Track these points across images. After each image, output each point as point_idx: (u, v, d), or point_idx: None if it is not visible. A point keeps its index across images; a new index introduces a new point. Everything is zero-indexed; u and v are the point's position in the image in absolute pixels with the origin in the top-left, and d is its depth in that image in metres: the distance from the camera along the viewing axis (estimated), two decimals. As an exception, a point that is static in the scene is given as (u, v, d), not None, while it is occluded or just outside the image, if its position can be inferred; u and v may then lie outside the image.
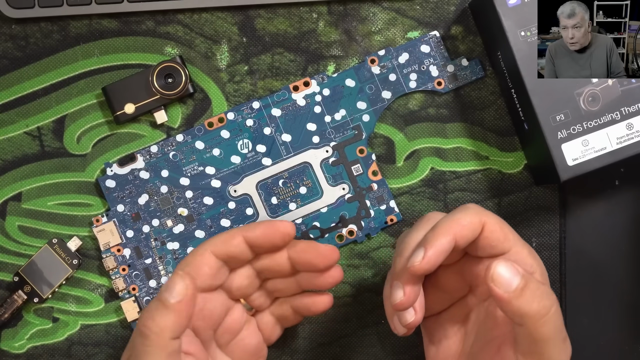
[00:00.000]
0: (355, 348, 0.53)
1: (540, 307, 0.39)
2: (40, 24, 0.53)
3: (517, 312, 0.39)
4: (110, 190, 0.53)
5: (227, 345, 0.47)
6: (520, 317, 0.39)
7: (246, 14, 0.53)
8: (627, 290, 0.54)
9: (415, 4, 0.53)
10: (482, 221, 0.42)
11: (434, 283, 0.46)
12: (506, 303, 0.39)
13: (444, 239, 0.41)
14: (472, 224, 0.42)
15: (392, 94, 0.53)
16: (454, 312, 0.47)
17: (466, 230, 0.41)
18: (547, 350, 0.40)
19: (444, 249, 0.41)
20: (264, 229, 0.44)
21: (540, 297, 0.39)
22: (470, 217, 0.42)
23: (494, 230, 0.42)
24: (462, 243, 0.42)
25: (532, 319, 0.39)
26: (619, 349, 0.54)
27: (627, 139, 0.47)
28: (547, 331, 0.39)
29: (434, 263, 0.41)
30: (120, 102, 0.52)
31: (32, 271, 0.52)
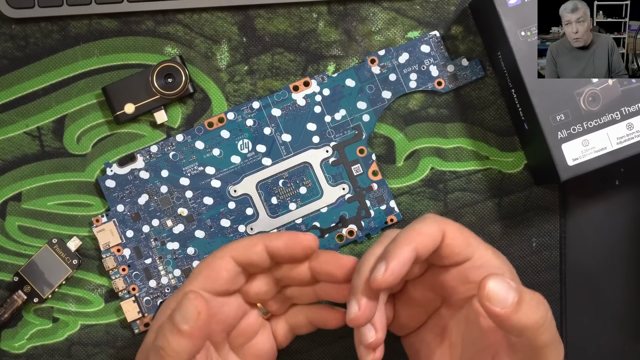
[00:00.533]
0: (355, 348, 0.53)
1: (538, 317, 0.38)
2: (40, 24, 0.53)
3: (517, 326, 0.38)
4: (110, 190, 0.53)
5: (240, 348, 0.47)
6: (520, 330, 0.39)
7: (246, 14, 0.53)
8: (627, 291, 0.54)
9: (415, 4, 0.53)
10: (441, 229, 0.41)
11: (405, 299, 0.46)
12: (505, 319, 0.38)
13: (406, 249, 0.40)
14: (432, 233, 0.41)
15: (392, 94, 0.53)
16: (432, 325, 0.46)
17: (427, 240, 0.41)
18: (546, 355, 0.39)
19: (406, 259, 0.40)
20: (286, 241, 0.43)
21: (537, 307, 0.39)
22: (430, 227, 0.41)
23: (455, 237, 0.42)
24: (423, 253, 0.41)
25: (531, 330, 0.38)
26: (619, 349, 0.54)
27: (627, 139, 0.47)
28: (546, 338, 0.39)
29: (397, 275, 0.40)
30: (120, 102, 0.52)
31: (32, 271, 0.52)
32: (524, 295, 0.38)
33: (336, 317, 0.47)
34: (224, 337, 0.45)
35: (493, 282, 0.38)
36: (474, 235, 0.43)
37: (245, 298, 0.46)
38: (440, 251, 0.42)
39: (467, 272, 0.43)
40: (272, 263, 0.45)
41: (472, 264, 0.42)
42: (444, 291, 0.44)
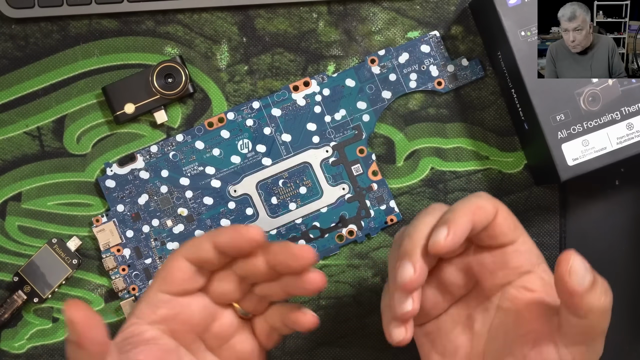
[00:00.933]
0: (355, 348, 0.53)
1: (606, 302, 0.39)
2: (40, 24, 0.53)
3: (587, 306, 0.39)
4: (110, 190, 0.53)
5: (218, 349, 0.46)
6: (588, 311, 0.39)
7: (246, 14, 0.53)
8: (627, 290, 0.54)
9: (415, 4, 0.53)
10: (495, 207, 0.42)
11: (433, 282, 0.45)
12: (579, 297, 0.39)
13: (465, 218, 0.40)
14: (488, 209, 0.41)
15: (392, 94, 0.53)
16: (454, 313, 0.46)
17: (483, 214, 0.41)
18: (599, 342, 0.40)
19: (465, 228, 0.40)
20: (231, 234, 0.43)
21: (607, 292, 0.39)
22: (487, 202, 0.41)
23: (506, 217, 0.42)
24: (478, 227, 0.41)
25: (597, 313, 0.39)
26: (619, 349, 0.54)
27: (627, 139, 0.47)
28: (606, 325, 0.40)
29: (458, 241, 0.40)
30: (120, 102, 0.52)
31: (32, 271, 0.52)
32: (598, 279, 0.39)
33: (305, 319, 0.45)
34: (194, 338, 0.45)
35: (577, 259, 0.39)
36: (519, 222, 0.43)
37: (214, 299, 0.45)
38: (490, 230, 0.42)
39: (509, 256, 0.42)
40: (224, 258, 0.44)
41: (516, 248, 0.42)
42: (480, 274, 0.43)
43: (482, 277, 0.44)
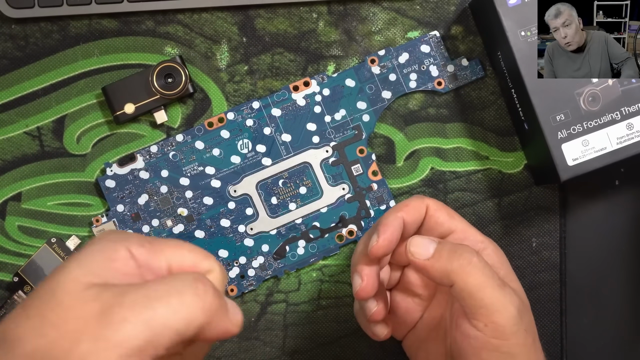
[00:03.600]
0: (355, 348, 0.53)
1: (460, 261, 0.41)
2: (40, 24, 0.53)
3: (442, 273, 0.41)
4: (110, 190, 0.53)
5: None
6: (447, 277, 0.41)
7: (246, 14, 0.53)
8: (627, 290, 0.54)
9: (415, 4, 0.53)
10: (425, 202, 0.45)
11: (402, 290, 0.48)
12: (430, 269, 0.41)
13: (392, 216, 0.44)
14: (416, 205, 0.45)
15: (392, 94, 0.53)
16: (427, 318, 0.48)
17: (412, 210, 0.45)
18: (487, 299, 0.40)
19: (395, 226, 0.43)
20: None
21: (460, 254, 0.41)
22: (414, 200, 0.45)
23: (438, 209, 0.45)
24: (410, 222, 0.45)
25: (456, 274, 0.41)
26: (619, 349, 0.54)
27: (627, 139, 0.47)
28: (476, 280, 0.40)
29: (389, 240, 0.43)
30: (120, 102, 0.52)
31: (32, 271, 0.52)
32: (446, 245, 0.42)
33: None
34: None
35: (414, 238, 0.42)
36: (457, 213, 0.46)
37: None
38: (426, 223, 0.45)
39: None
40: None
41: (455, 236, 0.45)
42: None
43: None
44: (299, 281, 0.53)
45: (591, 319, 0.53)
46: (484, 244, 0.45)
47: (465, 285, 0.41)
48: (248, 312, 0.53)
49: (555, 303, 0.53)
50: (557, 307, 0.53)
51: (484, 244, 0.45)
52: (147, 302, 0.31)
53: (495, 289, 0.41)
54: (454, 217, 0.46)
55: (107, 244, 0.33)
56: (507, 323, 0.40)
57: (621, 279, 0.53)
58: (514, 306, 0.41)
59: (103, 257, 0.33)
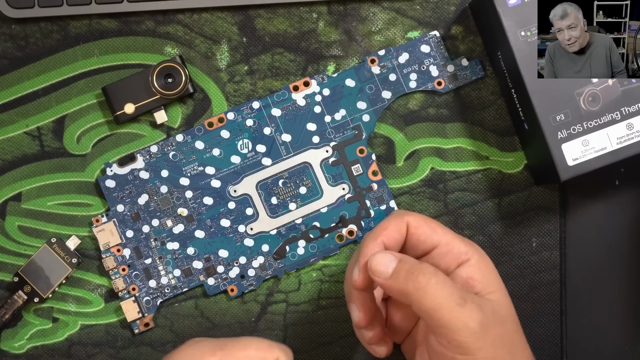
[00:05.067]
0: (355, 348, 0.53)
1: (415, 283, 0.41)
2: (40, 24, 0.53)
3: (400, 293, 0.42)
4: (110, 190, 0.53)
5: None
6: (404, 296, 0.41)
7: (246, 14, 0.53)
8: (627, 291, 0.54)
9: (415, 4, 0.53)
10: (404, 220, 0.45)
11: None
12: (388, 288, 0.42)
13: (372, 244, 0.44)
14: (395, 225, 0.45)
15: (392, 94, 0.53)
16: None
17: (391, 232, 0.45)
18: (444, 318, 0.41)
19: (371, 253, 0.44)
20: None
21: (417, 274, 0.41)
22: (392, 220, 0.45)
23: (418, 226, 0.45)
24: (392, 244, 0.45)
25: (412, 295, 0.41)
26: (619, 349, 0.54)
27: (627, 139, 0.47)
28: (431, 301, 0.41)
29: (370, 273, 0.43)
30: (120, 102, 0.52)
31: (32, 271, 0.52)
32: (405, 265, 0.42)
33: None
34: None
35: (375, 256, 0.43)
36: (440, 224, 0.46)
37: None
38: (408, 242, 0.45)
39: (436, 260, 0.45)
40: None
41: (440, 250, 0.45)
42: None
43: None
44: (299, 281, 0.53)
45: (591, 319, 0.53)
46: (467, 255, 0.45)
47: (421, 306, 0.41)
48: (248, 312, 0.53)
49: (555, 303, 0.53)
50: (557, 307, 0.53)
51: (467, 255, 0.45)
52: None
53: (452, 308, 0.40)
54: (436, 231, 0.45)
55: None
56: (469, 340, 0.40)
57: (621, 279, 0.53)
58: (475, 322, 0.41)
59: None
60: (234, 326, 0.53)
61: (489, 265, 0.45)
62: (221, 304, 0.53)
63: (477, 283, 0.44)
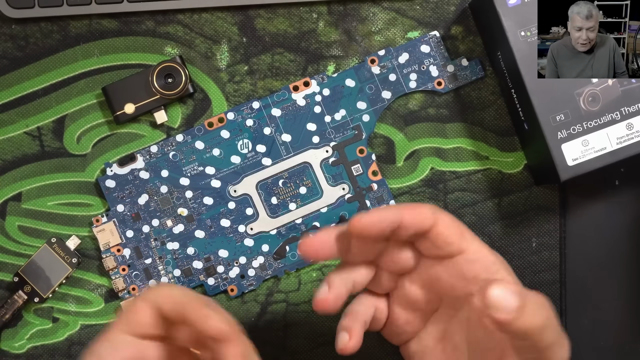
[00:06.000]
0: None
1: (541, 320, 0.38)
2: (40, 24, 0.53)
3: (521, 331, 0.38)
4: (110, 190, 0.53)
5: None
6: (524, 334, 0.38)
7: (246, 14, 0.53)
8: (627, 291, 0.54)
9: (415, 4, 0.53)
10: (435, 216, 0.41)
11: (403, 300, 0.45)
12: (509, 325, 0.38)
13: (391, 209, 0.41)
14: (423, 214, 0.41)
15: (392, 94, 0.53)
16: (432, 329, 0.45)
17: (416, 216, 0.41)
18: (552, 354, 0.39)
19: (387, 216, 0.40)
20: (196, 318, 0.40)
21: (539, 309, 0.38)
22: (424, 208, 0.41)
23: (448, 227, 0.42)
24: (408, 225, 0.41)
25: (535, 333, 0.38)
26: (619, 349, 0.54)
27: (627, 139, 0.47)
28: (550, 337, 0.39)
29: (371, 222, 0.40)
30: (120, 102, 0.52)
31: (32, 271, 0.52)
32: (528, 299, 0.38)
33: None
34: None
35: (497, 289, 0.38)
36: (469, 230, 0.43)
37: (176, 344, 0.43)
38: (433, 240, 0.42)
39: (462, 266, 0.42)
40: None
41: (466, 257, 0.42)
42: (440, 288, 0.43)
43: (443, 290, 0.44)
44: (299, 281, 0.53)
45: (591, 319, 0.53)
46: (495, 265, 0.42)
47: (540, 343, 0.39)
48: (248, 312, 0.53)
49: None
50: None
51: (496, 266, 0.42)
52: None
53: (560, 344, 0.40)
54: (464, 236, 0.42)
55: None
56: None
57: (621, 279, 0.53)
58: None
59: None
60: (234, 326, 0.53)
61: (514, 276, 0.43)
62: (221, 304, 0.53)
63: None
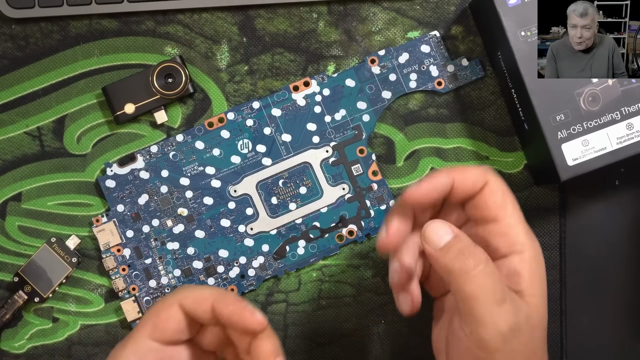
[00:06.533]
0: (355, 348, 0.53)
1: (462, 264, 0.40)
2: (40, 24, 0.53)
3: (443, 268, 0.40)
4: (110, 190, 0.53)
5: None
6: (447, 274, 0.40)
7: (246, 14, 0.53)
8: (627, 290, 0.54)
9: (415, 4, 0.53)
10: (485, 178, 0.42)
11: None
12: (434, 260, 0.41)
13: (443, 174, 0.42)
14: (474, 177, 0.42)
15: (392, 94, 0.53)
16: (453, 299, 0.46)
17: (467, 179, 0.42)
18: (476, 310, 0.39)
19: (439, 183, 0.42)
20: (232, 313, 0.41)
21: (467, 256, 0.40)
22: (475, 170, 0.42)
23: (494, 192, 0.42)
24: (460, 190, 0.42)
25: (455, 275, 0.40)
26: (619, 349, 0.54)
27: (627, 139, 0.47)
28: (472, 289, 0.39)
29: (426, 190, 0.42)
30: (120, 102, 0.52)
31: (32, 271, 0.52)
32: (459, 243, 0.40)
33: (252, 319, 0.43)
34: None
35: (433, 224, 0.41)
36: (515, 205, 0.43)
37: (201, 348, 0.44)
38: (476, 201, 0.42)
39: (489, 235, 0.42)
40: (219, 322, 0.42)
41: (497, 228, 0.42)
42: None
43: None
44: (299, 281, 0.53)
45: (591, 319, 0.53)
46: (523, 246, 0.42)
47: (460, 290, 0.40)
48: (248, 312, 0.53)
49: (555, 303, 0.53)
50: (557, 307, 0.53)
51: (523, 247, 0.42)
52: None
53: (490, 303, 0.39)
54: (505, 207, 0.42)
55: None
56: (491, 339, 0.39)
57: (621, 279, 0.53)
58: (506, 325, 0.39)
59: None
60: (234, 326, 0.53)
61: (541, 266, 0.43)
62: (221, 304, 0.53)
63: (523, 281, 0.42)
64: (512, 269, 0.42)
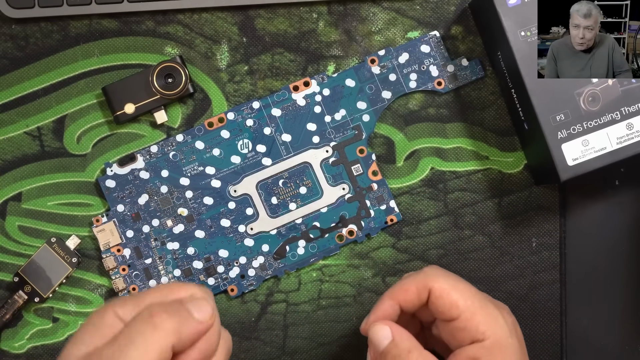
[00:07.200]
0: (355, 348, 0.53)
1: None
2: (40, 24, 0.53)
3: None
4: (110, 190, 0.53)
5: None
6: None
7: (246, 14, 0.53)
8: (627, 291, 0.54)
9: (415, 4, 0.53)
10: (427, 287, 0.43)
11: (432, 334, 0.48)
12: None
13: (386, 302, 0.44)
14: (416, 289, 0.44)
15: (392, 94, 0.53)
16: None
17: (409, 296, 0.44)
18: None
19: (384, 312, 0.44)
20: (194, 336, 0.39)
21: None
22: (416, 282, 0.44)
23: (440, 297, 0.43)
24: (408, 307, 0.44)
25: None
26: (619, 349, 0.54)
27: (627, 139, 0.47)
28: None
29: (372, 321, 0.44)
30: (120, 102, 0.52)
31: (32, 271, 0.52)
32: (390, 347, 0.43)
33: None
34: None
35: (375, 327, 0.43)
36: (470, 291, 0.44)
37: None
38: (430, 307, 0.44)
39: (453, 330, 0.43)
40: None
41: (457, 324, 0.43)
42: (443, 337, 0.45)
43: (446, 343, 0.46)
44: (299, 281, 0.53)
45: (591, 319, 0.53)
46: (484, 335, 0.43)
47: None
48: (248, 312, 0.53)
49: (555, 303, 0.53)
50: (557, 307, 0.53)
51: (483, 335, 0.43)
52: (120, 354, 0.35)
53: None
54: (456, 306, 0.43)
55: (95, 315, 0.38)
56: None
57: (621, 279, 0.53)
58: None
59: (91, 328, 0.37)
60: (234, 326, 0.53)
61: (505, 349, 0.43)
62: (221, 304, 0.53)
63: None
64: (472, 356, 0.42)
